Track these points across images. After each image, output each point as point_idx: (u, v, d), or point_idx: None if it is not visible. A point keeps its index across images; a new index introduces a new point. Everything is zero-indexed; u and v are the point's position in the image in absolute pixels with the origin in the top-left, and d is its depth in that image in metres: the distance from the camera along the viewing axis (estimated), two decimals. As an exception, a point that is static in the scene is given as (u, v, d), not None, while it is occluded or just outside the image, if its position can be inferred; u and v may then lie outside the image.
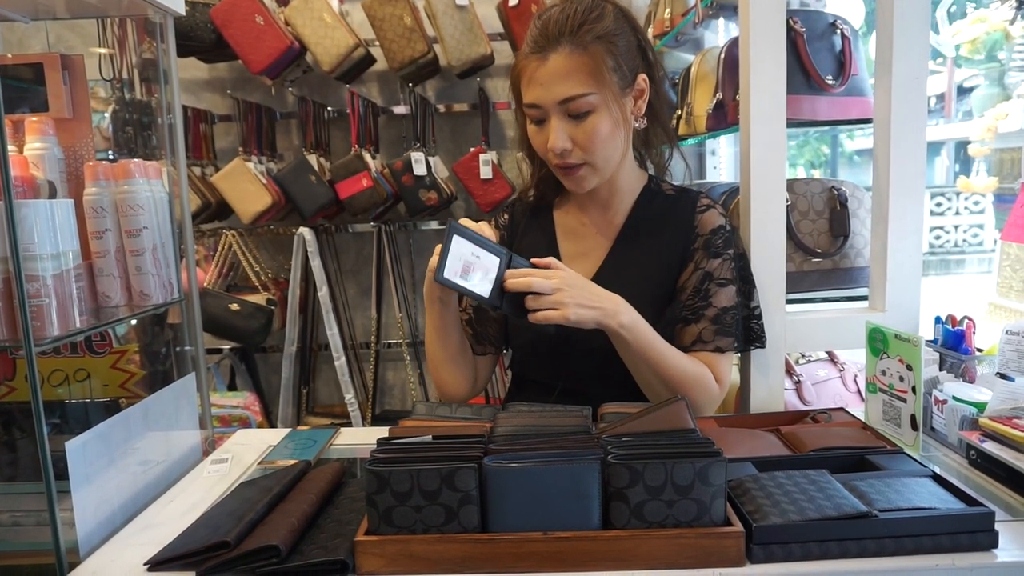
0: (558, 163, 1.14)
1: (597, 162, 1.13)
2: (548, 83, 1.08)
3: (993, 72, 3.41)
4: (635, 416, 0.89)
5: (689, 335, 1.17)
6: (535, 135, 1.15)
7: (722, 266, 1.18)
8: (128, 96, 2.39)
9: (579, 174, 1.14)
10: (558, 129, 1.10)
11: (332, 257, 2.84)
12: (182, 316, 1.33)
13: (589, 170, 1.14)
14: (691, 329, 1.17)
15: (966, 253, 7.18)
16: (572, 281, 1.05)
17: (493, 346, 1.30)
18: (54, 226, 0.96)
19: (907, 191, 1.31)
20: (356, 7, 2.55)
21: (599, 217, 1.25)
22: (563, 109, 1.09)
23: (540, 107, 1.11)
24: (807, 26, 1.40)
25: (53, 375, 1.37)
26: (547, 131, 1.12)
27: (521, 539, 0.78)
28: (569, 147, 1.11)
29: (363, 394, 2.85)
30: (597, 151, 1.12)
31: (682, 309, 1.18)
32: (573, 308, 1.03)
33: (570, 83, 1.08)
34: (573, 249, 1.25)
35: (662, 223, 1.22)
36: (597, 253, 1.23)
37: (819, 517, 0.78)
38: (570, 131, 1.10)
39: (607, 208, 1.25)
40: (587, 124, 1.10)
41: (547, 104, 1.10)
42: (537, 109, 1.11)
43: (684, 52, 2.57)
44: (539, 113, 1.12)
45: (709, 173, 2.73)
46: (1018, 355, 1.17)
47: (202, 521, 0.91)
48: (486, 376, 1.32)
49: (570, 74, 1.07)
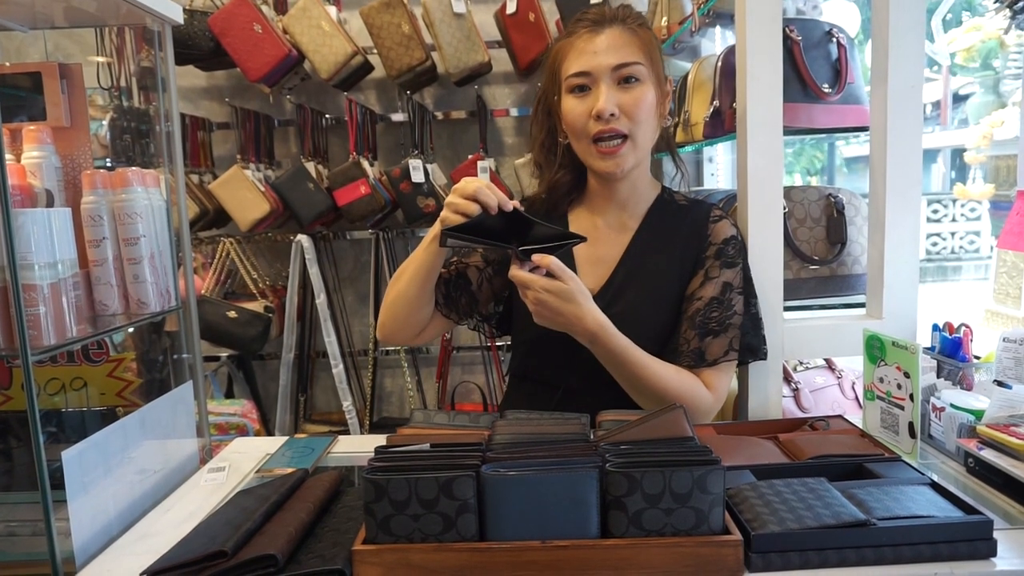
0: (600, 129, 1.14)
1: (637, 135, 1.15)
2: (602, 51, 1.14)
3: (988, 80, 3.43)
4: (633, 424, 0.89)
5: (718, 348, 1.18)
6: (575, 106, 1.16)
7: (737, 276, 1.21)
8: (126, 104, 2.39)
9: (621, 151, 1.15)
10: (608, 93, 1.13)
11: (330, 264, 2.84)
12: (180, 324, 1.32)
13: (630, 146, 1.16)
14: (720, 342, 1.18)
15: (963, 260, 7.20)
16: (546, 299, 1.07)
17: (456, 313, 1.30)
18: (51, 235, 0.96)
19: (903, 198, 1.31)
20: (354, 15, 2.55)
21: (614, 220, 1.26)
22: (614, 76, 1.14)
23: (590, 74, 1.14)
24: (803, 34, 1.41)
25: (50, 384, 1.36)
26: (591, 99, 1.14)
27: (519, 548, 0.78)
28: (616, 112, 1.13)
29: (361, 401, 2.85)
30: (641, 121, 1.15)
31: (705, 320, 1.18)
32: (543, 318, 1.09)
33: (624, 51, 1.14)
34: (588, 255, 1.25)
35: (675, 232, 1.23)
36: (610, 259, 1.24)
37: (818, 525, 0.78)
38: (618, 97, 1.14)
39: (623, 209, 1.25)
40: (635, 91, 1.14)
41: (599, 70, 1.13)
42: (586, 76, 1.14)
43: (681, 60, 2.58)
44: (586, 80, 1.15)
45: (706, 180, 2.74)
46: (1015, 362, 1.17)
47: (199, 530, 0.91)
48: (431, 335, 1.31)
49: (626, 44, 1.14)
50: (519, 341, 1.30)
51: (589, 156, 1.19)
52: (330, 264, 2.84)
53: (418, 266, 1.17)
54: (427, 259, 1.15)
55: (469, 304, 1.30)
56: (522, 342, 1.29)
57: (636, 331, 1.19)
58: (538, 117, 1.27)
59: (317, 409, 2.95)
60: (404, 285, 1.20)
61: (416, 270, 1.17)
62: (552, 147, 1.26)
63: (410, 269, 1.18)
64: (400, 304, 1.21)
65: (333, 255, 2.86)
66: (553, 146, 1.26)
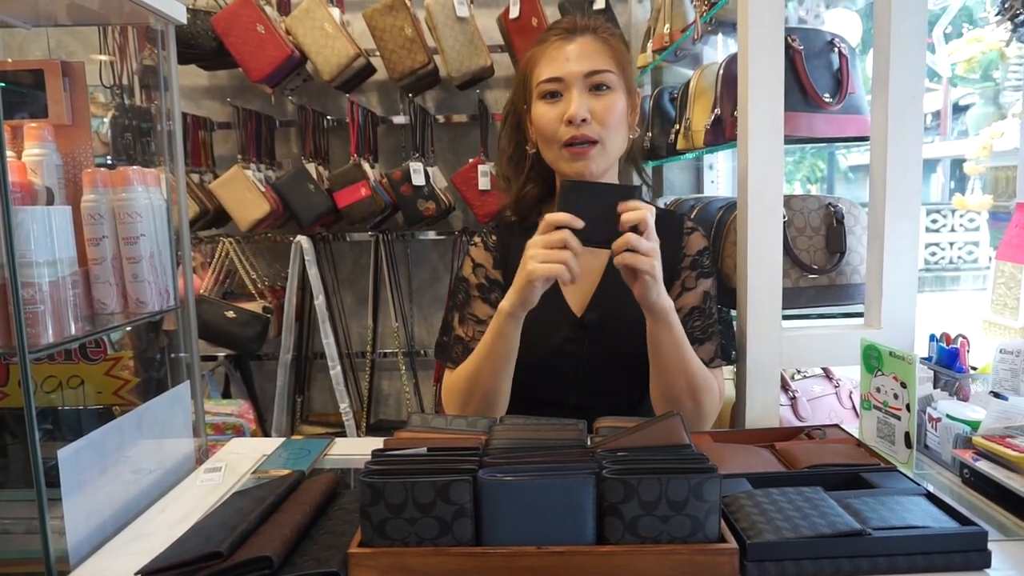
0: (572, 135, 1.14)
1: (607, 141, 1.16)
2: (574, 58, 1.15)
3: (988, 91, 3.44)
4: (630, 430, 0.88)
5: (706, 353, 1.20)
6: (546, 112, 1.17)
7: (713, 285, 1.25)
8: (128, 102, 2.39)
9: (591, 153, 1.16)
10: (579, 99, 1.14)
11: (329, 266, 2.84)
12: (178, 323, 1.32)
13: (599, 150, 1.16)
14: (707, 348, 1.21)
15: (961, 270, 7.21)
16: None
17: None
18: (51, 233, 0.96)
19: (903, 208, 1.32)
20: (357, 17, 2.56)
21: None
22: (586, 83, 1.15)
23: (562, 80, 1.15)
24: (805, 44, 1.41)
25: (47, 381, 1.36)
26: (563, 105, 1.15)
27: (515, 553, 0.78)
28: (588, 117, 1.14)
29: (358, 403, 2.85)
30: (612, 127, 1.16)
31: (690, 330, 1.19)
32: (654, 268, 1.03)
33: (596, 59, 1.15)
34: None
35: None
36: (592, 276, 1.24)
37: (813, 534, 0.78)
38: (589, 103, 1.15)
39: None
40: (606, 98, 1.15)
41: (571, 76, 1.14)
42: (558, 82, 1.15)
43: (683, 67, 2.59)
44: (558, 86, 1.16)
45: (707, 188, 2.74)
46: (1012, 374, 1.18)
47: (194, 531, 0.91)
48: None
49: (596, 52, 1.16)
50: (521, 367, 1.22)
51: (559, 160, 1.18)
52: (329, 265, 2.84)
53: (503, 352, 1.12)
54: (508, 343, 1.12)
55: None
56: (526, 366, 1.22)
57: (629, 340, 1.20)
58: (507, 130, 1.28)
59: (314, 411, 2.95)
60: (491, 381, 1.15)
61: (500, 357, 1.13)
62: (520, 160, 1.27)
63: (500, 349, 1.13)
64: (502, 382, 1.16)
65: (332, 256, 2.86)
66: (521, 159, 1.27)
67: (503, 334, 1.12)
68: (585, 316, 1.22)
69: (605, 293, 1.23)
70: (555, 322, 1.22)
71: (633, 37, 2.69)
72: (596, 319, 1.22)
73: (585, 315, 1.23)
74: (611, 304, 1.22)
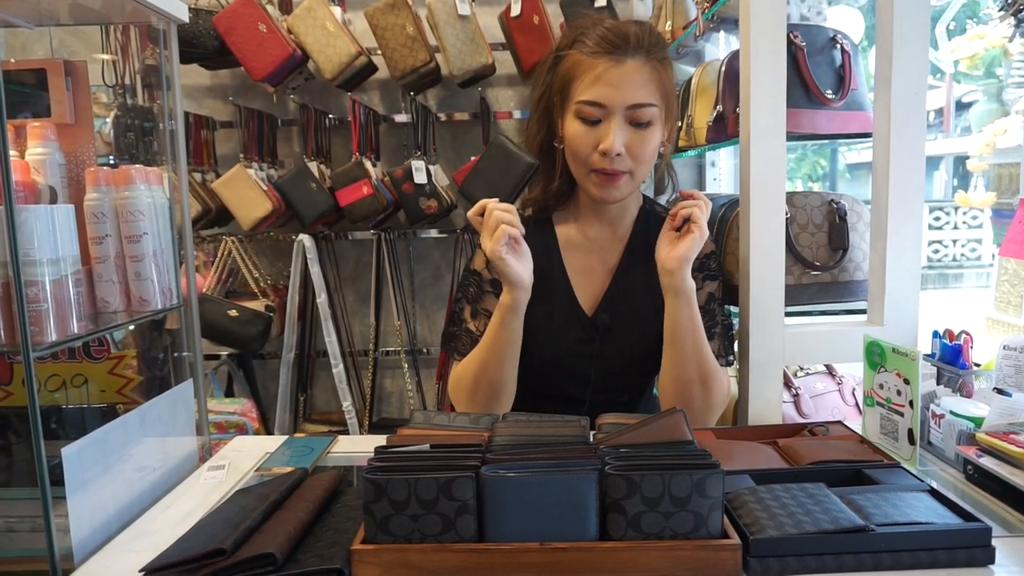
0: (604, 167, 1.13)
1: (638, 173, 1.16)
2: (621, 85, 1.10)
3: (991, 88, 3.43)
4: (633, 427, 0.89)
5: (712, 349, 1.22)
6: (583, 135, 1.13)
7: (719, 288, 1.26)
8: (130, 102, 2.40)
9: (619, 182, 1.15)
10: (619, 131, 1.11)
11: (331, 264, 2.84)
12: (181, 322, 1.33)
13: (628, 180, 1.15)
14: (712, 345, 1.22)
15: (964, 267, 7.20)
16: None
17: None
18: (54, 231, 0.96)
19: (906, 205, 1.31)
20: (359, 16, 2.56)
21: (603, 233, 1.27)
22: (628, 115, 1.11)
23: (605, 107, 1.11)
24: (807, 40, 1.41)
25: (50, 380, 1.36)
26: (600, 132, 1.12)
27: (518, 549, 0.78)
28: (623, 152, 1.12)
29: (360, 402, 2.85)
30: (645, 162, 1.15)
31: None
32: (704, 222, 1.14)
33: (644, 91, 1.11)
34: (578, 263, 1.26)
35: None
36: (604, 269, 1.26)
37: (816, 531, 0.78)
38: (627, 137, 1.12)
39: (612, 225, 1.27)
40: (645, 134, 1.13)
41: (615, 105, 1.10)
42: (599, 108, 1.11)
43: (685, 64, 2.58)
44: (599, 113, 1.11)
45: (709, 185, 2.74)
46: (1015, 370, 1.17)
47: (198, 528, 0.91)
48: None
49: (645, 83, 1.11)
50: (536, 365, 1.24)
51: (587, 181, 1.18)
52: (331, 264, 2.84)
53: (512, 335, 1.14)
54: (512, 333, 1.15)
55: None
56: (540, 365, 1.25)
57: (640, 338, 1.21)
58: (537, 116, 1.24)
59: (317, 409, 2.95)
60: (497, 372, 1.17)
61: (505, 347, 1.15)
62: (550, 150, 1.24)
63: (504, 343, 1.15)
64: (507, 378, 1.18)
65: (334, 255, 2.86)
66: (551, 149, 1.24)
67: (505, 323, 1.14)
68: (596, 316, 1.24)
69: (615, 293, 1.25)
70: (568, 322, 1.24)
71: (635, 35, 2.68)
72: (607, 319, 1.23)
73: (596, 315, 1.24)
74: (621, 303, 1.24)
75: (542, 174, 1.30)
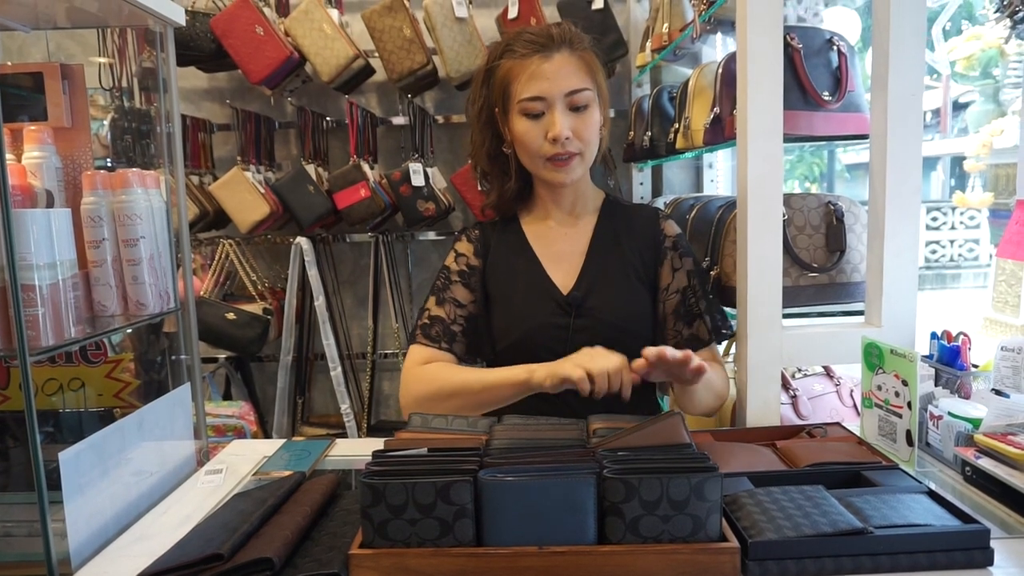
0: (556, 152, 1.21)
1: (586, 152, 1.24)
2: (555, 76, 1.20)
3: (988, 88, 3.44)
4: (631, 430, 0.88)
5: (704, 331, 1.28)
6: (531, 129, 1.22)
7: (695, 264, 1.31)
8: (127, 105, 2.39)
9: (572, 163, 1.23)
10: (562, 118, 1.20)
11: (329, 267, 2.84)
12: (178, 325, 1.32)
13: (579, 160, 1.24)
14: (705, 322, 1.28)
15: (962, 268, 7.20)
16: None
17: (481, 357, 1.34)
18: (51, 235, 0.96)
19: (903, 206, 1.32)
20: (356, 18, 2.55)
21: (566, 219, 1.33)
22: (567, 101, 1.21)
23: (545, 99, 1.20)
24: (804, 42, 1.41)
25: (47, 384, 1.36)
26: (545, 123, 1.21)
27: (516, 553, 0.78)
28: (570, 135, 1.21)
29: (359, 404, 2.84)
30: (591, 141, 1.24)
31: (688, 308, 1.28)
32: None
33: (575, 78, 1.21)
34: (549, 253, 1.31)
35: (630, 229, 1.32)
36: (574, 258, 1.30)
37: (815, 533, 0.78)
38: (571, 122, 1.21)
39: (570, 212, 1.33)
40: (585, 115, 1.22)
41: (554, 95, 1.20)
42: (541, 101, 1.20)
43: (682, 66, 2.59)
44: (541, 106, 1.21)
45: (706, 187, 2.74)
46: (1013, 371, 1.18)
47: (196, 533, 0.91)
48: None
49: (575, 71, 1.22)
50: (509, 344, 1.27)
51: (542, 170, 1.25)
52: (329, 267, 2.84)
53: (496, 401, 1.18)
54: (506, 400, 1.17)
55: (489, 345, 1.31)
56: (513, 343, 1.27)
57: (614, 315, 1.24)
58: (479, 127, 1.31)
59: (315, 412, 2.95)
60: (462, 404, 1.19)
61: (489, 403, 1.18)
62: (497, 155, 1.32)
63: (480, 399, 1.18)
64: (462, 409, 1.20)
65: (332, 258, 2.86)
66: (499, 155, 1.31)
67: (512, 388, 1.15)
68: (571, 294, 1.27)
69: (589, 272, 1.28)
70: (541, 299, 1.27)
71: (632, 36, 2.68)
72: (581, 296, 1.26)
73: (571, 293, 1.27)
74: (596, 280, 1.27)
75: (493, 179, 1.35)
